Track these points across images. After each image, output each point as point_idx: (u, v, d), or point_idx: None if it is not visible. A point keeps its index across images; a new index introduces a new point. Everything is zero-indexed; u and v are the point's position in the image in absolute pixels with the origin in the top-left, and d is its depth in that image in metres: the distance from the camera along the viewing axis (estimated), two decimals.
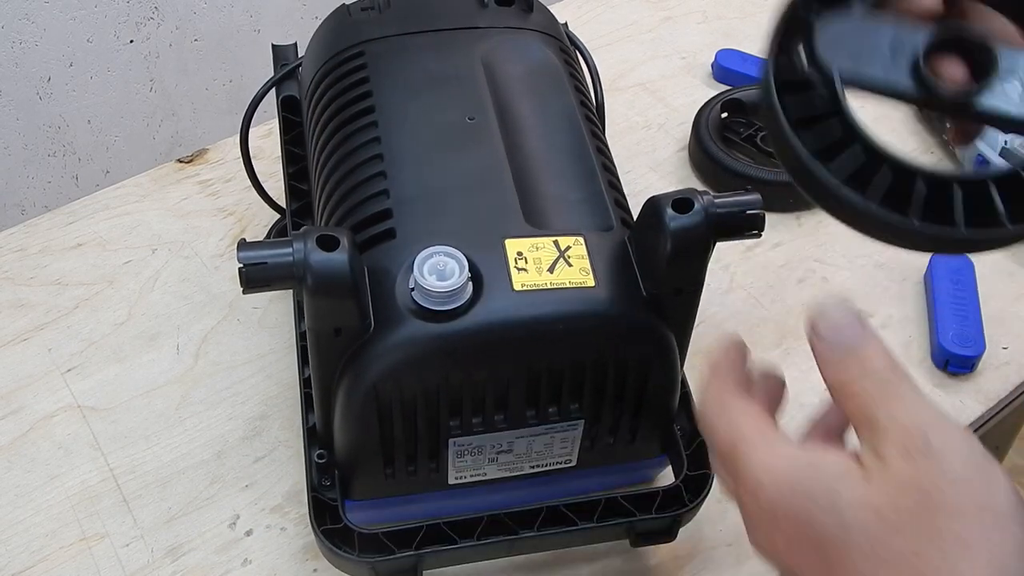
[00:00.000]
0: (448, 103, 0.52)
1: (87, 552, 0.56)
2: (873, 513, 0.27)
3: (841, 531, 0.28)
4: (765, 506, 0.30)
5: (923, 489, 0.27)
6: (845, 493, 0.28)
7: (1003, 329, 0.69)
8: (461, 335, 0.43)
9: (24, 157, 1.28)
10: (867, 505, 0.28)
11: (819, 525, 0.28)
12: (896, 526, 0.26)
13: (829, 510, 0.28)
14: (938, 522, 0.26)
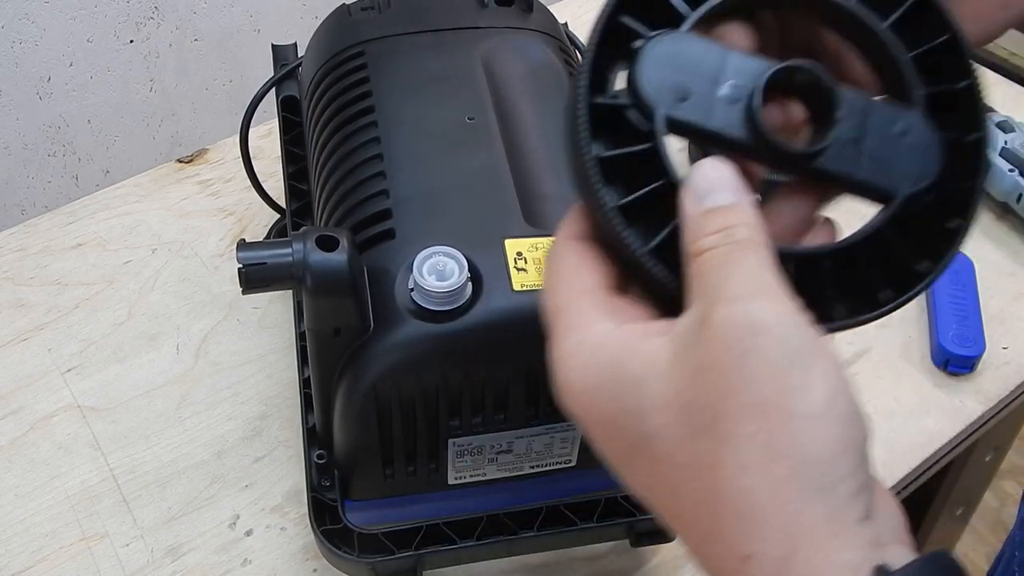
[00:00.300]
0: (448, 103, 0.52)
1: (87, 552, 0.56)
2: (673, 416, 0.25)
3: (643, 439, 0.25)
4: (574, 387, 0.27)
5: (726, 384, 0.24)
6: (649, 393, 0.26)
7: (1003, 329, 0.69)
8: (461, 335, 0.43)
9: (24, 157, 1.28)
10: (668, 406, 0.25)
11: (622, 425, 0.26)
12: (695, 430, 0.24)
13: (632, 413, 0.26)
14: (735, 427, 0.24)
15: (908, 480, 0.62)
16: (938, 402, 0.65)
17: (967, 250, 0.73)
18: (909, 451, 0.62)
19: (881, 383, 0.66)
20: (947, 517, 0.92)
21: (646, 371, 0.26)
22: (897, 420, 0.64)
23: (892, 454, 0.62)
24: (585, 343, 0.27)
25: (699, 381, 0.25)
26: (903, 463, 0.62)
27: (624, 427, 0.26)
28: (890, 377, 0.66)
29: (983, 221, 0.77)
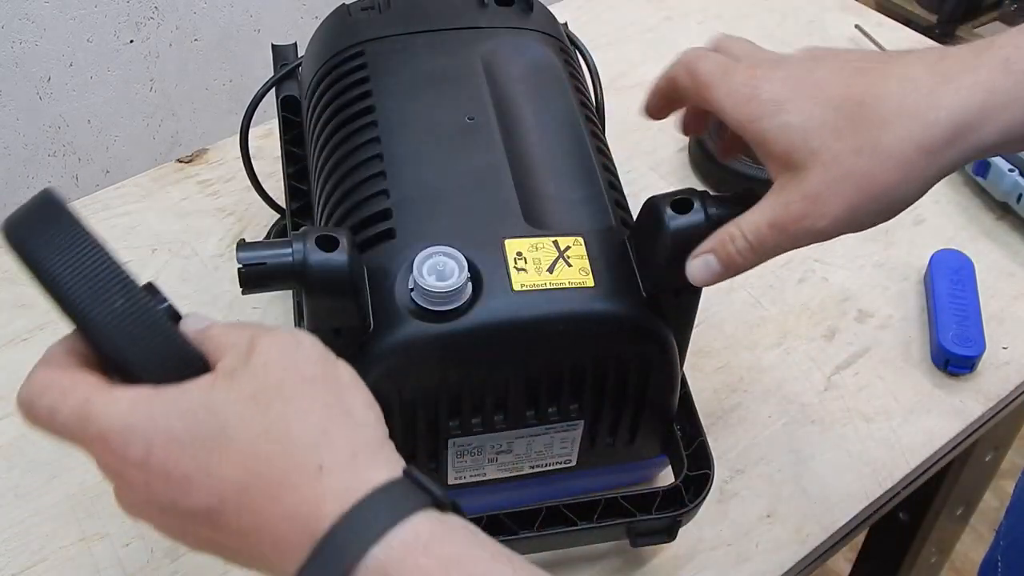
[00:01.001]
0: (448, 103, 0.52)
1: (87, 552, 0.56)
2: (243, 406, 0.33)
3: (221, 433, 0.33)
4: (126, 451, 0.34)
5: (284, 369, 0.34)
6: (219, 401, 0.34)
7: (1003, 329, 0.69)
8: (460, 335, 0.43)
9: (24, 157, 1.28)
10: (238, 401, 0.33)
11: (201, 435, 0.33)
12: (264, 406, 0.33)
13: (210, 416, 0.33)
14: (296, 393, 0.34)
15: (908, 480, 0.62)
16: (938, 402, 0.65)
17: (967, 250, 0.73)
18: (909, 451, 0.62)
19: (881, 383, 0.66)
20: (947, 517, 0.92)
21: (202, 389, 0.34)
22: (897, 420, 0.64)
23: (892, 454, 0.62)
24: (138, 396, 0.34)
25: (260, 375, 0.34)
26: (903, 463, 0.62)
27: (201, 433, 0.33)
28: (890, 377, 0.66)
29: (983, 221, 0.77)
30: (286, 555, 0.32)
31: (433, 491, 0.33)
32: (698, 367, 0.66)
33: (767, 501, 0.59)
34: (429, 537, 0.31)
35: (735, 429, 0.63)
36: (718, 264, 0.43)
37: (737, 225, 0.42)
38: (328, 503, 0.31)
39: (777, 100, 0.41)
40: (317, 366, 0.35)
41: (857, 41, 0.94)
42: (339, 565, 0.30)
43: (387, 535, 0.31)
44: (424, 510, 0.32)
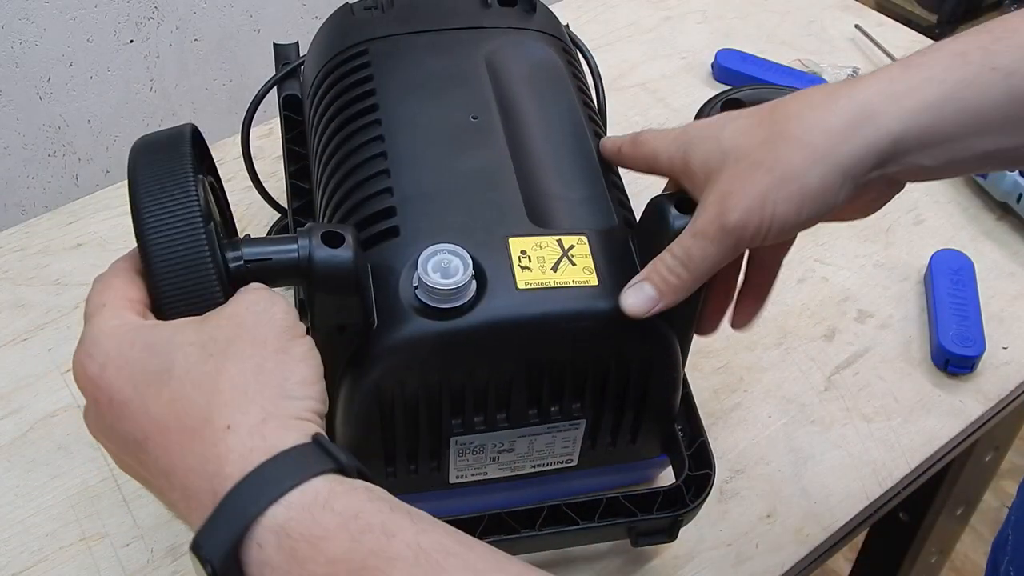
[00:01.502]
0: (452, 102, 0.52)
1: (87, 552, 0.56)
2: (194, 349, 0.35)
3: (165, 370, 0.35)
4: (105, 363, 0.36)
5: (242, 327, 0.36)
6: (176, 340, 0.36)
7: (1003, 329, 0.69)
8: (464, 333, 0.43)
9: (24, 157, 1.28)
10: (191, 344, 0.36)
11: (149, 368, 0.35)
12: (207, 355, 0.35)
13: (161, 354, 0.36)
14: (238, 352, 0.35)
15: (908, 480, 0.62)
16: (938, 402, 0.65)
17: (967, 250, 0.73)
18: (909, 451, 0.62)
19: (881, 383, 0.66)
20: (947, 517, 0.92)
21: (176, 329, 0.36)
22: (897, 420, 0.64)
23: (892, 454, 0.62)
24: (128, 322, 0.37)
25: (220, 326, 0.36)
26: (903, 463, 0.62)
27: (150, 367, 0.35)
28: (890, 377, 0.67)
29: (983, 221, 0.77)
30: (192, 509, 0.33)
31: (338, 457, 0.33)
32: (698, 367, 0.66)
33: (767, 501, 0.59)
34: (329, 495, 0.32)
35: (735, 429, 0.63)
36: (652, 289, 0.44)
37: (666, 250, 0.44)
38: (231, 463, 0.32)
39: (700, 126, 0.45)
40: (271, 331, 0.36)
41: (857, 41, 0.94)
42: (238, 524, 0.31)
43: (288, 495, 0.31)
44: (328, 474, 0.33)
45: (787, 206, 0.41)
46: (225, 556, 0.31)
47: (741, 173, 0.41)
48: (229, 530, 0.31)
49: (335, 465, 0.33)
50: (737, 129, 0.43)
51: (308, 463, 0.33)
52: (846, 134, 0.40)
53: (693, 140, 0.44)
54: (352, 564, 0.31)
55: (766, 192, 0.41)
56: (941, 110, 0.40)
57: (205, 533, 0.32)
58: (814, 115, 0.41)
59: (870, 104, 0.40)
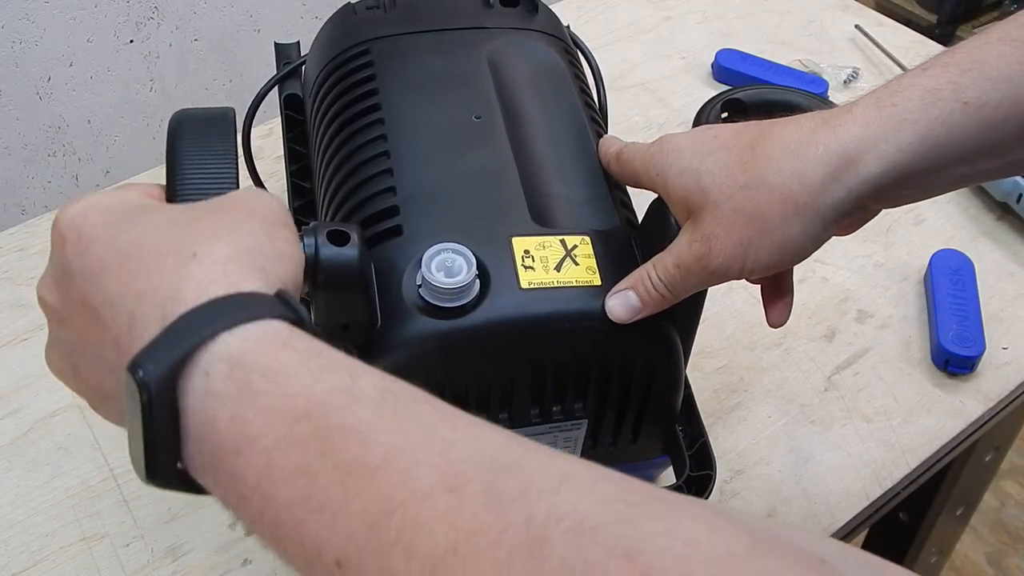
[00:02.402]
0: (454, 102, 0.52)
1: (87, 552, 0.56)
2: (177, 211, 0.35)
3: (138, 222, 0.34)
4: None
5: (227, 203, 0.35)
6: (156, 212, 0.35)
7: (1003, 329, 0.69)
8: (467, 332, 0.43)
9: (24, 157, 1.28)
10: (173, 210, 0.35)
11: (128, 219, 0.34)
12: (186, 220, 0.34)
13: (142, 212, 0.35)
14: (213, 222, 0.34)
15: (908, 480, 0.62)
16: (938, 402, 0.65)
17: (967, 250, 0.73)
18: (909, 451, 0.62)
19: (881, 383, 0.66)
20: (947, 517, 0.92)
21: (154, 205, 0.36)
22: (897, 420, 0.64)
23: (892, 454, 0.62)
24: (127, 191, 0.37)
25: (219, 199, 0.35)
26: (903, 463, 0.62)
27: (132, 210, 0.35)
28: (890, 377, 0.67)
29: (983, 221, 0.77)
30: (135, 336, 0.30)
31: (300, 312, 0.31)
32: (698, 367, 0.66)
33: (767, 501, 0.59)
34: (289, 336, 0.30)
35: (735, 429, 0.63)
36: (638, 301, 0.45)
37: (652, 265, 0.45)
38: (188, 290, 0.30)
39: (677, 150, 0.44)
40: (262, 206, 0.35)
41: (857, 41, 0.94)
42: (184, 345, 0.29)
43: (244, 326, 0.29)
44: (286, 321, 0.30)
45: (768, 253, 0.42)
46: (165, 379, 0.28)
47: (723, 219, 0.42)
48: (175, 351, 0.29)
49: (294, 315, 0.31)
50: (716, 165, 0.43)
51: (269, 306, 0.30)
52: (825, 185, 0.40)
53: (671, 167, 0.44)
54: (312, 400, 0.28)
55: (748, 242, 0.42)
56: (918, 149, 0.40)
57: (145, 354, 0.29)
58: (792, 163, 0.41)
59: (847, 152, 0.40)
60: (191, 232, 0.33)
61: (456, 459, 0.27)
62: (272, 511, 0.28)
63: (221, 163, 0.38)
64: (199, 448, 0.29)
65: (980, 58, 0.40)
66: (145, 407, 0.29)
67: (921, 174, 0.41)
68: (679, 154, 0.44)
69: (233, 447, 0.28)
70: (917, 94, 0.40)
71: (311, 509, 0.27)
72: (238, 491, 0.29)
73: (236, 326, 0.29)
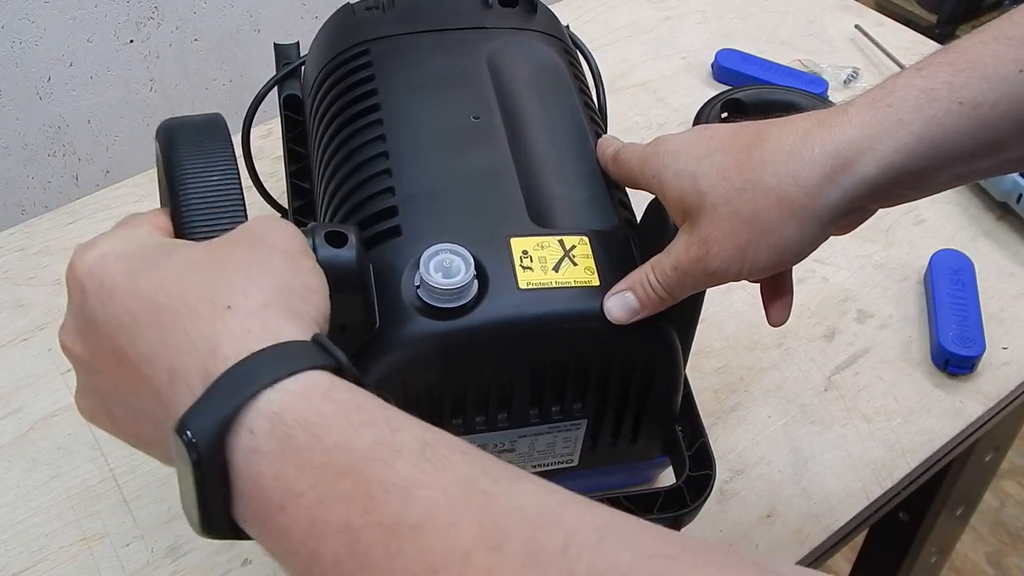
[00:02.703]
0: (453, 102, 0.52)
1: (87, 552, 0.56)
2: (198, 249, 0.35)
3: (165, 259, 0.35)
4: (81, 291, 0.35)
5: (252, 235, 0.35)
6: (173, 249, 0.35)
7: (1003, 329, 0.69)
8: (466, 332, 0.43)
9: (24, 157, 1.28)
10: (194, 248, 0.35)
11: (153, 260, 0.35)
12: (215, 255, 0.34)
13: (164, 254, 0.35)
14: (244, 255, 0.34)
15: (908, 480, 0.62)
16: (938, 402, 0.65)
17: (967, 250, 0.73)
18: (909, 451, 0.62)
19: (881, 383, 0.66)
20: (947, 517, 0.92)
21: (169, 245, 0.36)
22: (897, 420, 0.64)
23: (892, 454, 0.62)
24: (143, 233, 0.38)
25: (234, 233, 0.35)
26: (903, 463, 0.62)
27: (150, 255, 0.35)
28: (890, 377, 0.67)
29: (983, 221, 0.77)
30: (179, 391, 0.31)
31: (338, 357, 0.31)
32: (698, 367, 0.66)
33: (767, 501, 0.59)
34: (329, 386, 0.30)
35: (735, 429, 0.63)
36: (636, 302, 0.45)
37: (650, 266, 0.45)
38: (227, 344, 0.30)
39: (673, 152, 0.44)
40: (282, 239, 0.35)
41: (857, 41, 0.94)
42: (230, 405, 0.29)
43: (284, 381, 0.30)
44: (325, 370, 0.31)
45: (766, 256, 0.42)
46: (213, 439, 0.29)
47: (720, 221, 0.42)
48: (220, 411, 0.29)
49: (333, 362, 0.31)
50: (713, 168, 0.43)
51: (307, 356, 0.31)
52: (822, 187, 0.40)
53: (667, 169, 0.44)
54: (353, 454, 0.28)
55: (746, 244, 0.42)
56: (914, 150, 0.40)
57: (192, 414, 0.29)
58: (789, 165, 0.41)
59: (843, 153, 0.40)
60: (221, 277, 0.33)
61: (496, 514, 0.27)
62: (319, 567, 0.28)
63: (226, 185, 0.38)
64: (247, 504, 0.30)
65: (975, 57, 0.40)
66: (196, 467, 0.29)
67: (918, 174, 0.41)
68: (675, 156, 0.44)
69: (279, 503, 0.29)
70: (912, 94, 0.40)
71: (355, 567, 0.27)
72: (286, 546, 0.29)
73: (278, 381, 0.30)
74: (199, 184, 0.38)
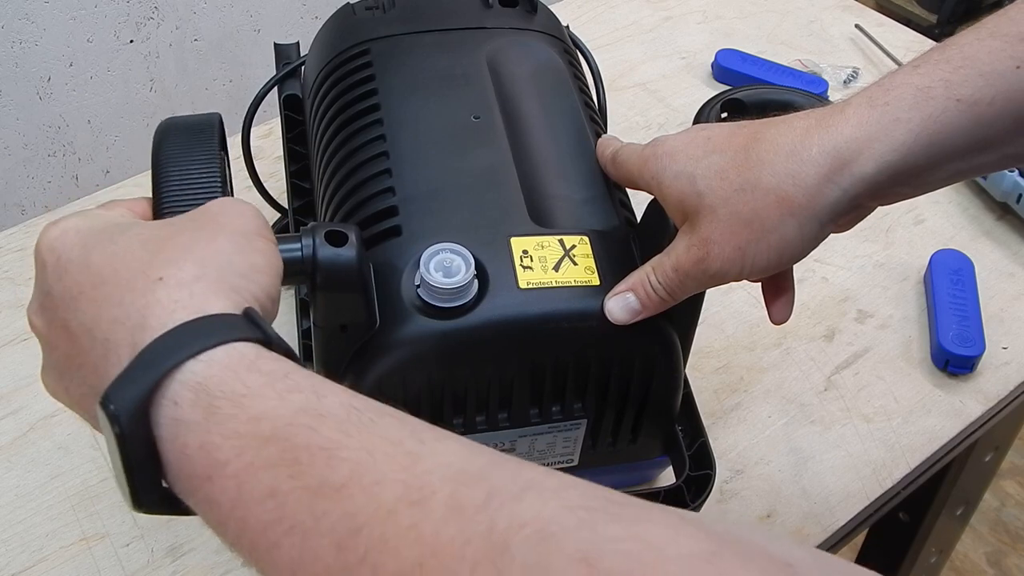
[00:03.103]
0: (453, 102, 0.52)
1: (87, 552, 0.56)
2: (151, 227, 0.35)
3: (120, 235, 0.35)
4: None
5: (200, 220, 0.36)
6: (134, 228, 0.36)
7: (1003, 329, 0.69)
8: (466, 332, 0.43)
9: (24, 157, 1.28)
10: (148, 227, 0.36)
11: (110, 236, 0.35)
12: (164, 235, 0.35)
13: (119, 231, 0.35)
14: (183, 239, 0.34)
15: (908, 480, 0.62)
16: (938, 402, 0.65)
17: (967, 250, 0.73)
18: (909, 451, 0.62)
19: (881, 383, 0.66)
20: (947, 517, 0.92)
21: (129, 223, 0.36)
22: (897, 420, 0.64)
23: (892, 454, 0.62)
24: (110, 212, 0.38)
25: (191, 214, 0.36)
26: (903, 463, 0.62)
27: (107, 230, 0.35)
28: (890, 377, 0.67)
29: (983, 221, 0.77)
30: (110, 364, 0.31)
31: (266, 330, 0.31)
32: (698, 367, 0.66)
33: (767, 501, 0.59)
34: (256, 357, 0.30)
35: (735, 429, 0.63)
36: (637, 303, 0.45)
37: (651, 267, 0.45)
38: (154, 316, 0.31)
39: (672, 153, 0.44)
40: (238, 219, 0.35)
41: (857, 41, 0.94)
42: (151, 377, 0.29)
43: (209, 351, 0.30)
44: (253, 342, 0.31)
45: (766, 256, 0.42)
46: (135, 410, 0.29)
47: (719, 223, 0.42)
48: (142, 383, 0.29)
49: (261, 335, 0.31)
50: (711, 169, 0.43)
51: (234, 328, 0.31)
52: (821, 186, 0.41)
53: (666, 170, 0.44)
54: (278, 422, 0.28)
55: (745, 245, 0.42)
56: (912, 148, 0.40)
57: (115, 386, 0.30)
58: (787, 165, 0.41)
59: (841, 153, 0.40)
60: (162, 252, 0.33)
61: (420, 472, 0.27)
62: (248, 535, 0.28)
63: (204, 172, 0.38)
64: (176, 475, 0.30)
65: (971, 55, 0.40)
66: (119, 439, 0.29)
67: (915, 171, 0.41)
68: (673, 158, 0.44)
69: (205, 473, 0.29)
70: (910, 92, 0.40)
71: (283, 532, 0.27)
72: (216, 516, 0.29)
73: (202, 352, 0.30)
74: (177, 172, 0.38)
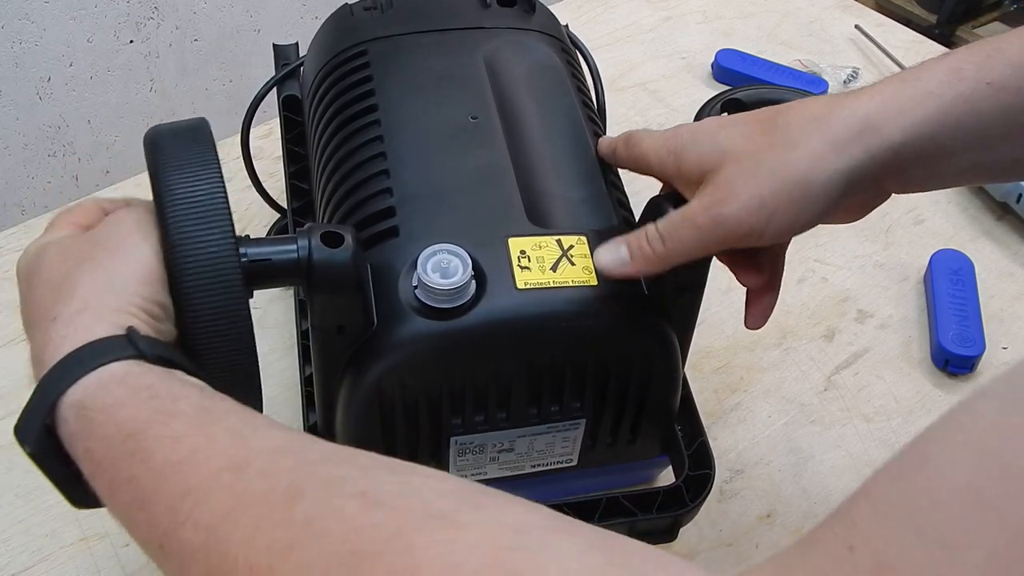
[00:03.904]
0: (451, 102, 0.52)
1: (87, 552, 0.56)
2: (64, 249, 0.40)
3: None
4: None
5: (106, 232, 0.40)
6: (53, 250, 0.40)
7: (1003, 329, 0.69)
8: (464, 333, 0.43)
9: (24, 157, 1.28)
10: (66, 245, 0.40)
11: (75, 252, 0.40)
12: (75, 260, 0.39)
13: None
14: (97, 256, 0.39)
15: None
16: (938, 402, 0.65)
17: (967, 250, 0.73)
18: None
19: (881, 383, 0.66)
20: None
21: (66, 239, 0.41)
22: (897, 420, 0.64)
23: (892, 454, 0.62)
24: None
25: (87, 238, 0.40)
26: None
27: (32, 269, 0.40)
28: (890, 377, 0.67)
29: (983, 221, 0.77)
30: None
31: (139, 346, 0.36)
32: (698, 367, 0.66)
33: (767, 501, 0.59)
34: (125, 374, 0.35)
35: (735, 429, 0.63)
36: (626, 252, 0.44)
37: (654, 221, 0.44)
38: (48, 352, 0.36)
39: (693, 130, 0.45)
40: (118, 231, 0.40)
41: (857, 41, 0.94)
42: (44, 406, 0.35)
43: (85, 378, 0.35)
44: (129, 360, 0.35)
45: (787, 209, 0.41)
46: (37, 436, 0.35)
47: (743, 171, 0.42)
48: (37, 413, 0.35)
49: (136, 352, 0.36)
50: (736, 133, 0.43)
51: (110, 350, 0.35)
52: (850, 143, 0.41)
53: (686, 143, 0.44)
54: (137, 421, 0.33)
55: (767, 194, 0.41)
56: (941, 123, 0.41)
57: (22, 417, 0.36)
58: (817, 125, 0.42)
59: (871, 116, 0.41)
60: (59, 291, 0.38)
61: (246, 448, 0.32)
62: (125, 522, 0.33)
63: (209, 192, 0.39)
64: (86, 476, 0.35)
65: (1002, 47, 0.41)
66: (34, 460, 0.36)
67: (939, 153, 0.41)
68: (695, 131, 0.45)
69: (91, 473, 0.34)
70: (942, 71, 0.41)
71: (138, 508, 0.32)
72: (110, 510, 0.34)
73: (81, 377, 0.35)
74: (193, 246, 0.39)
